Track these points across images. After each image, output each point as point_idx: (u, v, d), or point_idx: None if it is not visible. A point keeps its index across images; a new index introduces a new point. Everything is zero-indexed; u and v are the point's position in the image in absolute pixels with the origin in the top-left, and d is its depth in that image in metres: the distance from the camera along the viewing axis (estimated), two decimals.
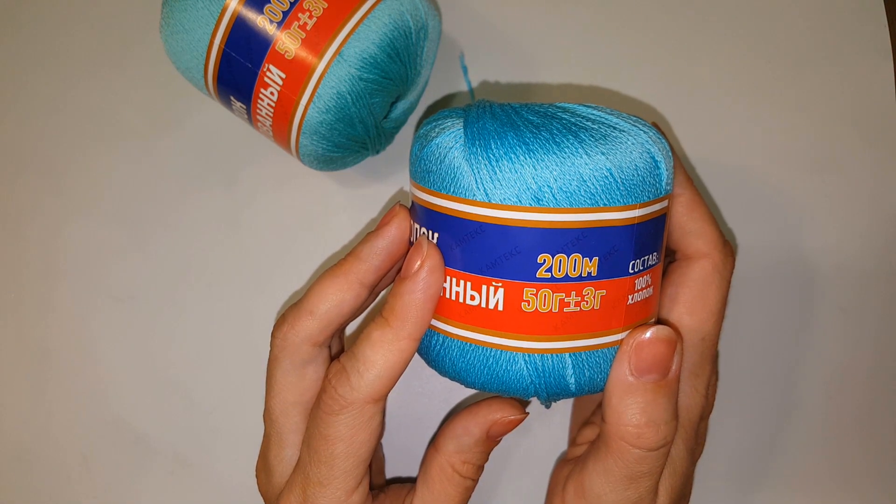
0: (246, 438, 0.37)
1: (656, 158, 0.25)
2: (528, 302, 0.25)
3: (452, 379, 0.27)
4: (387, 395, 0.27)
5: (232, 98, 0.33)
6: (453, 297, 0.26)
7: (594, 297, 0.25)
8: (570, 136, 0.24)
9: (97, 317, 0.39)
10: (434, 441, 0.30)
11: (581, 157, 0.24)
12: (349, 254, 0.28)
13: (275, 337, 0.29)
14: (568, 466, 0.30)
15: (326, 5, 0.31)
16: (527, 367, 0.25)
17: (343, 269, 0.28)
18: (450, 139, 0.26)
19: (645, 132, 0.26)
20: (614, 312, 0.25)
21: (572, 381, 0.26)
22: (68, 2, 0.41)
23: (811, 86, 0.40)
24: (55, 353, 0.39)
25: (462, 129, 0.26)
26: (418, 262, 0.26)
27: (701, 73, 0.40)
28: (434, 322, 0.27)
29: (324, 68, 0.31)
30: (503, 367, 0.26)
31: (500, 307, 0.25)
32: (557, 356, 0.25)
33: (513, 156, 0.24)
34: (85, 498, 0.39)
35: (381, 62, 0.32)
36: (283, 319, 0.29)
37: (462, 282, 0.25)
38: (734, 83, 0.40)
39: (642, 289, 0.26)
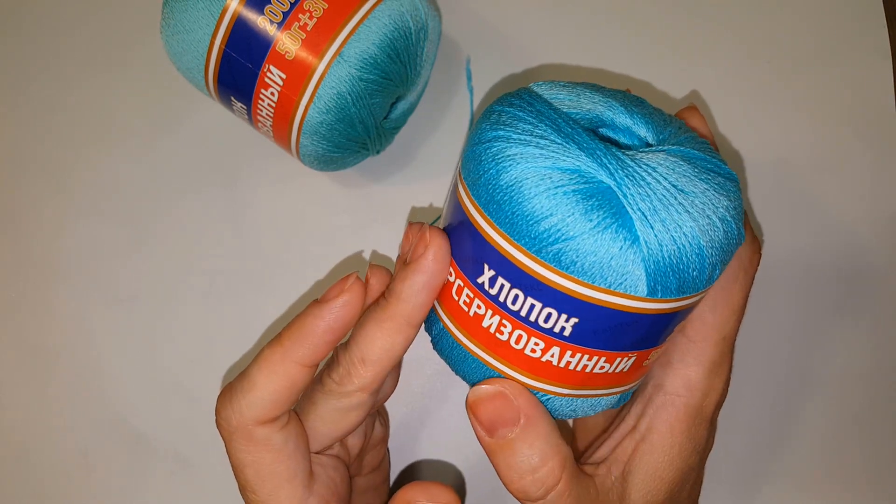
0: None
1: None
2: (650, 360, 0.26)
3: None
4: (279, 417, 0.26)
5: (232, 98, 0.33)
6: (579, 369, 0.25)
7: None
8: (721, 206, 0.24)
9: (98, 316, 0.39)
10: None
11: (734, 232, 0.24)
12: (291, 327, 0.26)
13: (218, 415, 0.27)
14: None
15: (327, 6, 0.31)
16: (621, 397, 0.27)
17: (285, 346, 0.26)
18: (617, 238, 0.22)
19: (732, 176, 0.25)
20: None
21: None
22: (69, 2, 0.41)
23: (811, 86, 0.40)
24: (56, 352, 0.39)
25: (627, 220, 0.23)
26: (338, 293, 0.26)
27: (701, 73, 0.40)
28: (545, 387, 0.26)
29: (324, 69, 0.31)
30: (602, 405, 0.27)
31: (626, 370, 0.26)
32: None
33: (695, 247, 0.23)
34: (85, 498, 0.39)
35: (382, 63, 0.32)
36: (222, 395, 0.27)
37: (595, 357, 0.25)
38: (734, 83, 0.40)
39: None
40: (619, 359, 0.25)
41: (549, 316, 0.24)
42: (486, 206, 0.24)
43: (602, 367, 0.25)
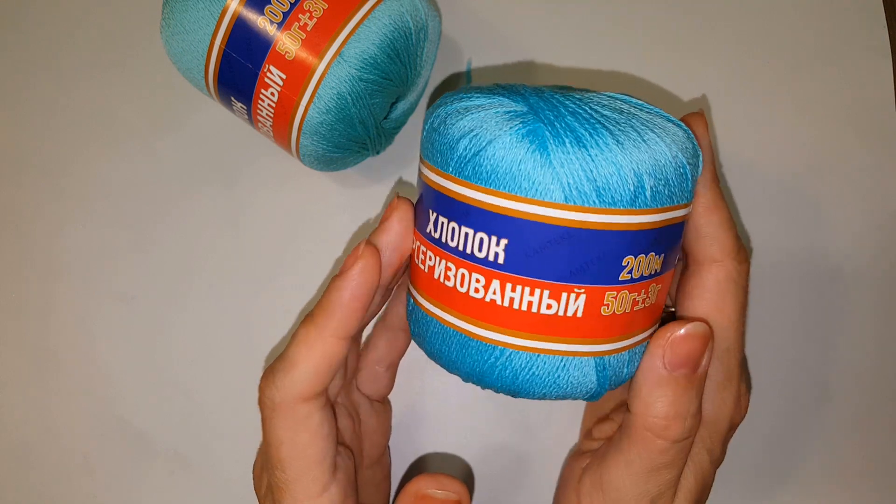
0: (246, 438, 0.37)
1: (698, 152, 0.25)
2: (608, 305, 0.24)
3: (511, 393, 0.26)
4: (321, 394, 0.27)
5: (232, 98, 0.33)
6: (524, 308, 0.24)
7: (654, 293, 0.25)
8: (654, 133, 0.23)
9: (98, 317, 0.39)
10: None
11: (667, 156, 0.23)
12: (320, 304, 0.27)
13: (262, 394, 0.27)
14: (582, 459, 0.30)
15: (326, 6, 0.31)
16: (596, 369, 0.25)
17: (318, 322, 0.27)
18: (522, 141, 0.23)
19: (682, 126, 0.25)
20: (661, 304, 0.26)
21: (628, 376, 0.26)
22: (69, 2, 0.41)
23: (811, 86, 0.40)
24: (57, 352, 0.39)
25: (536, 126, 0.23)
26: (353, 261, 0.26)
27: (700, 72, 0.40)
28: (497, 336, 0.25)
29: (324, 69, 0.31)
30: (572, 374, 0.25)
31: (580, 314, 0.24)
32: (623, 354, 0.25)
33: (610, 155, 0.23)
34: (85, 497, 0.39)
35: (381, 63, 0.32)
36: (264, 377, 0.28)
37: (537, 290, 0.24)
38: (733, 83, 0.40)
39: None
40: (564, 294, 0.24)
41: (481, 242, 0.24)
42: (426, 154, 0.26)
43: (549, 307, 0.24)
